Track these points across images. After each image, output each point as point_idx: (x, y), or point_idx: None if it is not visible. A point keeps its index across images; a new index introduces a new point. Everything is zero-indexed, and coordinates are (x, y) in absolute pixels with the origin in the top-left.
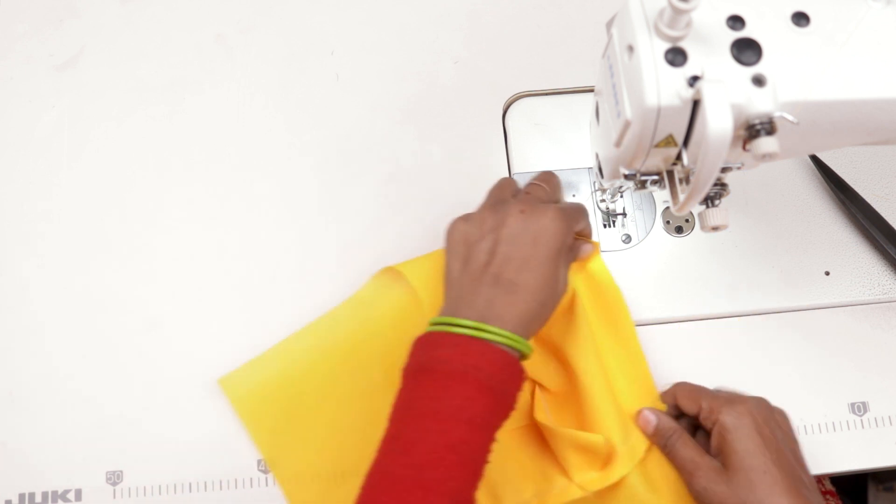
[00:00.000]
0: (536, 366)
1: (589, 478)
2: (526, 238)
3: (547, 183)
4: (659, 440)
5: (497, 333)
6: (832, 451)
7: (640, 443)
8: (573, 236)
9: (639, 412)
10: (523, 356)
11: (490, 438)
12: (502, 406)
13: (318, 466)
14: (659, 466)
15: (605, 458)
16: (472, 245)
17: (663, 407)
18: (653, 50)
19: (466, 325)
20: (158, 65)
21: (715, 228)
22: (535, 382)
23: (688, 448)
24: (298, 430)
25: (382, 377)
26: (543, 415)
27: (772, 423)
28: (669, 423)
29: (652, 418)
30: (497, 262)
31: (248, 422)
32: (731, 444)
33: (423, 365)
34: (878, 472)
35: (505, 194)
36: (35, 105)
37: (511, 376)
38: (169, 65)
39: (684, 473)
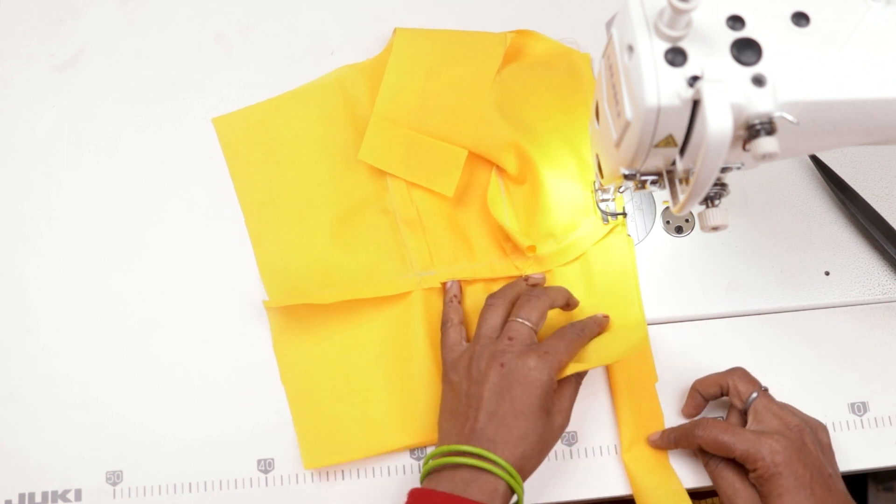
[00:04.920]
0: (498, 150)
1: (523, 261)
2: (505, 395)
3: (537, 301)
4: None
5: (498, 463)
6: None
7: (582, 244)
8: (561, 372)
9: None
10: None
11: None
12: None
13: (287, 215)
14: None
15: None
16: (458, 394)
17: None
18: (653, 50)
19: (469, 451)
20: (158, 65)
21: (715, 228)
22: (494, 164)
23: (730, 472)
24: (275, 180)
25: (349, 157)
26: (497, 199)
27: (805, 456)
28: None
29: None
30: (481, 419)
31: (232, 165)
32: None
33: None
34: (878, 472)
35: (501, 303)
36: (35, 105)
37: None
38: (169, 65)
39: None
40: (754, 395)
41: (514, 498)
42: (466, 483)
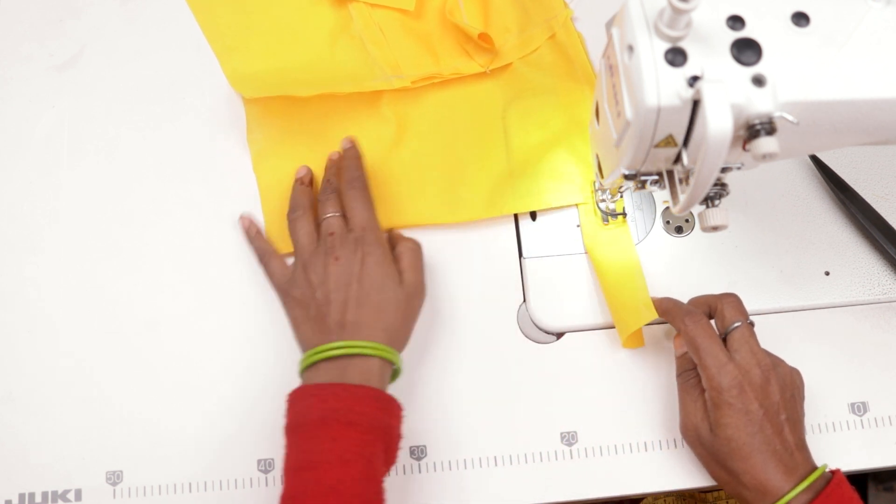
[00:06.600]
0: None
1: (486, 59)
2: (351, 281)
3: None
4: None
5: (364, 346)
6: (832, 451)
7: (538, 38)
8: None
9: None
10: (394, 373)
11: (368, 466)
12: (371, 433)
13: (257, 54)
14: (551, 52)
15: (498, 45)
16: (306, 303)
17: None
18: (653, 50)
19: (334, 347)
20: (158, 65)
21: (715, 228)
22: None
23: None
24: (242, 24)
25: None
26: (456, 9)
27: (764, 395)
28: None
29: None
30: (335, 312)
31: (197, 11)
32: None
33: (292, 422)
34: (878, 472)
35: (303, 213)
36: (35, 105)
37: (371, 406)
38: (169, 65)
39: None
40: (737, 324)
41: (394, 366)
42: (341, 371)
